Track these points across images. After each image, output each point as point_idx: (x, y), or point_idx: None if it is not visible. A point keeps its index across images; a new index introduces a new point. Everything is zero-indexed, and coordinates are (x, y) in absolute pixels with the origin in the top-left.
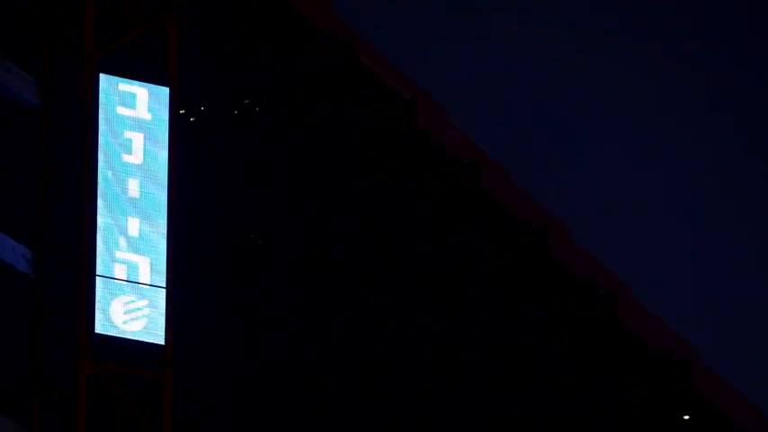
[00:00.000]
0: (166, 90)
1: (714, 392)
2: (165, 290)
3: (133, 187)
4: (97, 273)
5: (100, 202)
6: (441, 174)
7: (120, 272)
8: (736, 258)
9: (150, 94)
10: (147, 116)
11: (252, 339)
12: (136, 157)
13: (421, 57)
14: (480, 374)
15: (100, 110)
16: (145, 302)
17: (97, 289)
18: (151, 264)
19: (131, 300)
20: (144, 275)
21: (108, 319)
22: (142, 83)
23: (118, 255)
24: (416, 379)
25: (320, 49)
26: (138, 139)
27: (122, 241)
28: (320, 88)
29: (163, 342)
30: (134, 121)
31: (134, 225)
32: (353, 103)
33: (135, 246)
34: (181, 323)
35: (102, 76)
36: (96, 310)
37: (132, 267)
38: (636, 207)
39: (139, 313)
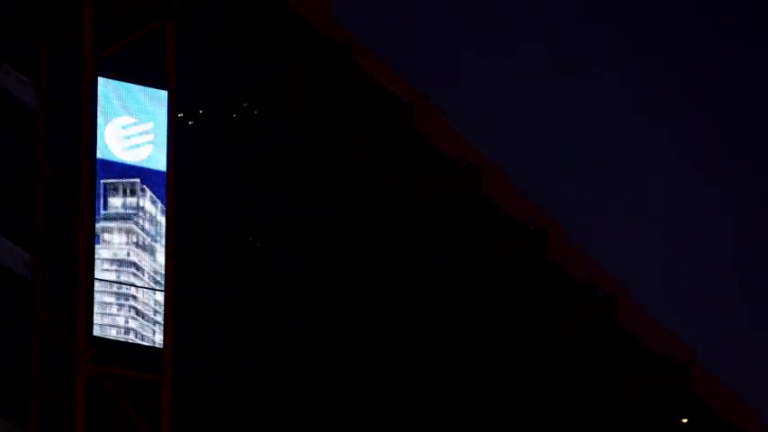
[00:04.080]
0: (165, 93)
1: (713, 395)
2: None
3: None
4: (96, 276)
5: (98, 204)
6: (440, 177)
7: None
8: (735, 261)
9: (149, 97)
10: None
11: (250, 341)
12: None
13: (422, 62)
14: (479, 375)
15: (98, 112)
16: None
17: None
18: (149, 266)
19: (133, 122)
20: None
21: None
22: (141, 86)
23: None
24: (416, 379)
25: (319, 52)
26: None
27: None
28: (319, 92)
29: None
30: (132, 123)
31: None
32: (352, 107)
33: (133, 248)
34: (180, 325)
35: (101, 79)
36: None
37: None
38: (635, 210)
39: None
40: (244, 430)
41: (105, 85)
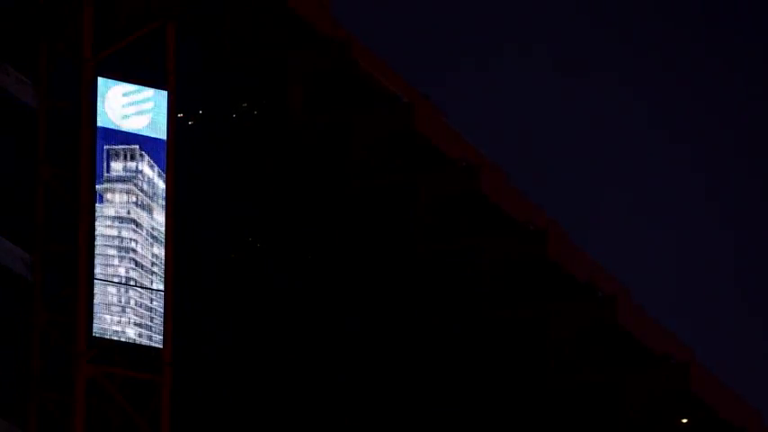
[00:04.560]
0: (165, 93)
1: (712, 395)
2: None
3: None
4: (95, 276)
5: (98, 204)
6: (440, 177)
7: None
8: (735, 262)
9: (149, 97)
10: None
11: (250, 341)
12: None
13: (422, 62)
14: (479, 375)
15: (98, 113)
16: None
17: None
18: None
19: (133, 90)
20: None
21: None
22: (141, 86)
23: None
24: (417, 379)
25: (319, 52)
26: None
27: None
28: (319, 92)
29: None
30: (132, 123)
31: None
32: (352, 107)
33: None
34: (180, 325)
35: (101, 80)
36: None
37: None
38: (635, 210)
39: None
40: (244, 430)
41: (105, 86)
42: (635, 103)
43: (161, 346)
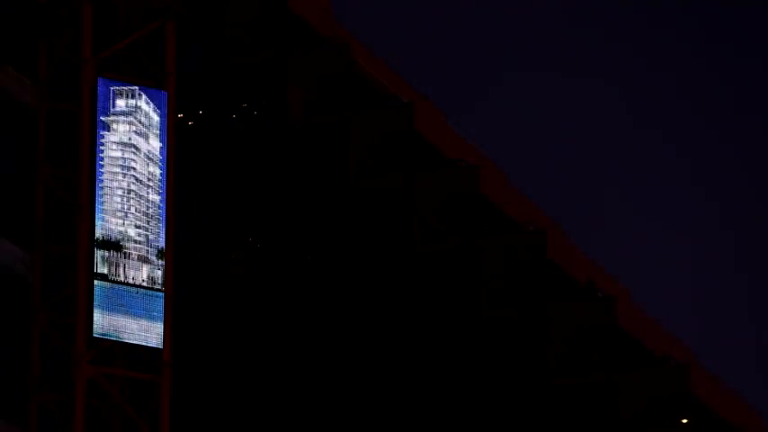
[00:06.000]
0: (164, 94)
1: (713, 395)
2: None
3: (132, 190)
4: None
5: (98, 204)
6: (440, 177)
7: (118, 273)
8: (734, 263)
9: (149, 98)
10: (146, 119)
11: (250, 341)
12: (134, 161)
13: (422, 62)
14: (479, 375)
15: (98, 113)
16: None
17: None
18: (149, 267)
19: None
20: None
21: None
22: (140, 86)
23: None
24: (416, 378)
25: (319, 52)
26: (136, 141)
27: (120, 243)
28: (319, 92)
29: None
30: (132, 124)
31: (132, 228)
32: (352, 107)
33: (133, 248)
34: (180, 326)
35: (101, 80)
36: None
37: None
38: (635, 210)
39: None
40: (243, 430)
41: (105, 85)
42: (635, 104)
43: (160, 337)
